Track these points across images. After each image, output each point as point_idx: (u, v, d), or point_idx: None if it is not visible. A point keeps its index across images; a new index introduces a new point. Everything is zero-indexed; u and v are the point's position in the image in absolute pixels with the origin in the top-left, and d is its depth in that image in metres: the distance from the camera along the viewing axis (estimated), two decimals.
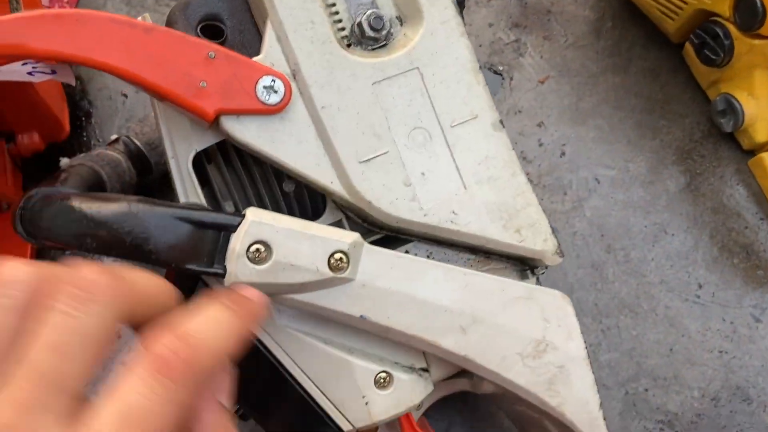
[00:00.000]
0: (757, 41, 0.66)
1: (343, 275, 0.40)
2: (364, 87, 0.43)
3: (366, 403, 0.44)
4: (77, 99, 0.72)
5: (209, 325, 0.28)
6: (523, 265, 0.49)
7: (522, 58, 0.77)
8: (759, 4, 0.63)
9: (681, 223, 0.72)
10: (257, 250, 0.38)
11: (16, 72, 0.52)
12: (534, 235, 0.46)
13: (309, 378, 0.44)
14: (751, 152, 0.74)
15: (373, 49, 0.44)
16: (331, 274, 0.39)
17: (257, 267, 0.38)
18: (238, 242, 0.38)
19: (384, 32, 0.44)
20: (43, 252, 0.68)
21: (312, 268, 0.39)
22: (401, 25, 0.45)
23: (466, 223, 0.45)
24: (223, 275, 0.39)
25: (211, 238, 0.39)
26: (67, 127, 0.68)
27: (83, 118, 0.71)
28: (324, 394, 0.44)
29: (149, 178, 0.64)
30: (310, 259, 0.39)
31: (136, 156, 0.62)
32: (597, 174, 0.73)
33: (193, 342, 0.27)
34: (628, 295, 0.69)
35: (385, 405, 0.45)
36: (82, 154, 0.60)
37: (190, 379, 0.26)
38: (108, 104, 0.72)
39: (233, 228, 0.39)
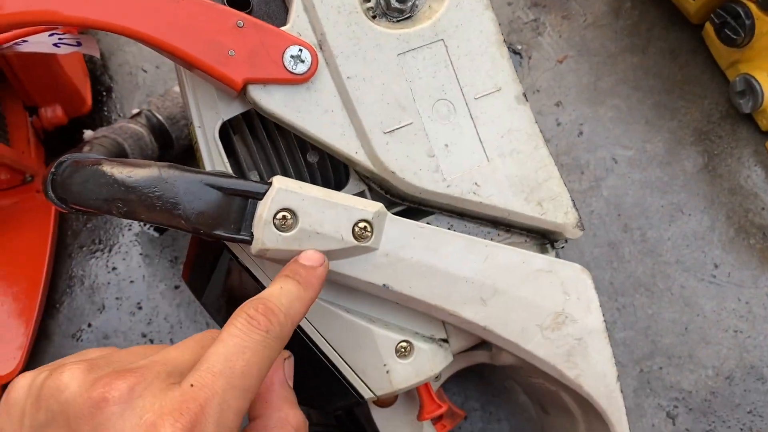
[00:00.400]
0: None
1: (366, 244, 0.40)
2: (389, 58, 0.43)
3: (387, 372, 0.45)
4: (98, 74, 0.72)
5: (278, 293, 0.35)
6: (543, 239, 0.49)
7: (540, 37, 0.77)
8: None
9: (698, 203, 0.72)
10: (284, 217, 0.39)
11: (42, 43, 0.53)
12: (555, 208, 0.46)
13: (331, 346, 0.45)
14: None
15: (398, 21, 0.45)
16: (355, 242, 0.40)
17: (283, 234, 0.39)
18: (265, 209, 0.38)
19: (409, 4, 0.44)
20: (64, 219, 0.69)
21: (337, 236, 0.39)
22: None
23: (489, 195, 0.45)
24: (249, 242, 0.39)
25: (238, 205, 0.39)
26: (90, 101, 0.69)
27: (104, 93, 0.72)
28: (346, 363, 0.45)
29: (170, 153, 0.65)
30: (335, 227, 0.39)
31: (157, 130, 0.63)
32: (614, 154, 0.73)
33: (269, 305, 0.34)
34: (644, 274, 0.69)
35: (406, 374, 0.45)
36: (104, 127, 0.61)
37: (273, 332, 0.33)
38: (128, 79, 0.72)
39: (260, 195, 0.39)
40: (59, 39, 0.53)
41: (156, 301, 0.66)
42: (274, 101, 0.41)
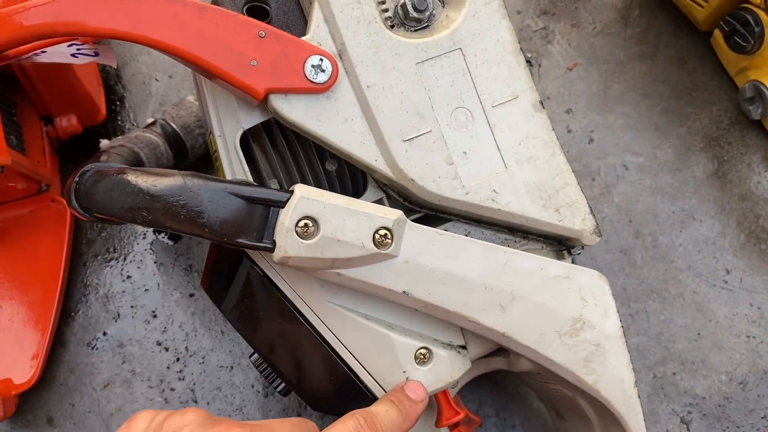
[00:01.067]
0: None
1: (387, 251, 0.41)
2: (408, 67, 0.44)
3: (406, 378, 0.45)
4: (112, 83, 0.73)
5: (383, 414, 0.40)
6: (560, 245, 0.50)
7: (550, 45, 0.77)
8: None
9: (709, 209, 0.72)
10: (305, 225, 0.39)
11: (61, 54, 0.53)
12: (573, 215, 0.47)
13: (350, 353, 0.45)
14: None
15: (416, 30, 0.45)
16: (375, 249, 0.40)
17: (305, 242, 0.39)
18: (287, 217, 0.39)
19: (427, 13, 0.45)
20: (79, 227, 0.69)
21: (358, 244, 0.40)
22: (443, 6, 0.46)
23: (507, 202, 0.45)
24: (272, 249, 0.39)
25: (260, 213, 0.39)
26: (104, 110, 0.69)
27: (118, 102, 0.72)
28: (365, 369, 0.45)
29: (185, 161, 0.65)
30: (356, 234, 0.40)
31: (172, 139, 0.63)
32: (625, 160, 0.73)
33: (375, 422, 0.39)
34: (656, 280, 0.69)
35: (425, 380, 0.45)
36: (120, 136, 0.61)
37: None
38: (142, 88, 0.73)
39: (282, 204, 0.39)
40: (77, 49, 0.53)
41: (171, 309, 0.67)
42: (295, 110, 0.42)
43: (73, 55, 0.53)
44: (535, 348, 0.46)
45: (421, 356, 0.45)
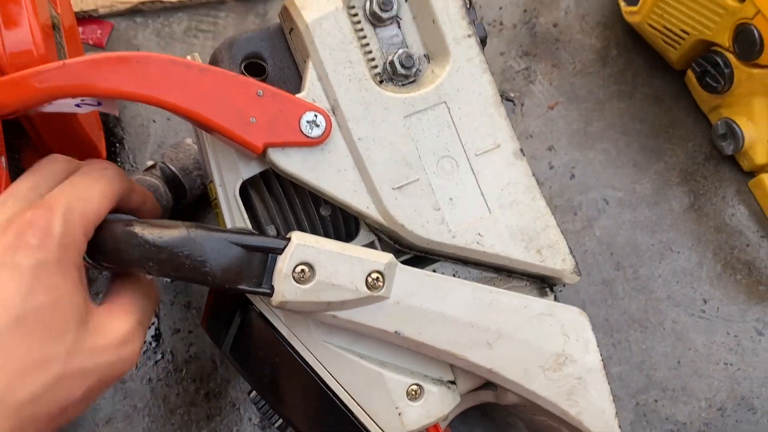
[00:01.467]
0: (755, 70, 0.70)
1: (378, 293, 0.43)
2: (397, 120, 0.47)
3: (399, 414, 0.48)
4: (111, 126, 0.75)
5: None
6: (543, 283, 0.52)
7: (532, 85, 0.81)
8: (757, 35, 0.67)
9: (686, 241, 0.75)
10: (302, 270, 0.42)
11: (65, 104, 0.56)
12: (553, 255, 0.50)
13: (346, 391, 0.48)
14: (751, 174, 0.78)
15: (404, 85, 0.48)
16: (368, 292, 0.43)
17: (302, 286, 0.42)
18: (284, 264, 0.42)
19: (414, 69, 0.48)
20: None
21: (351, 287, 0.43)
22: (429, 62, 0.49)
23: (491, 244, 0.48)
24: (270, 294, 0.42)
25: (259, 260, 0.42)
26: (104, 153, 0.71)
27: (117, 144, 0.75)
28: (360, 406, 0.48)
29: (183, 202, 0.67)
30: (349, 278, 0.43)
31: (171, 181, 0.66)
32: (605, 195, 0.76)
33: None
34: (638, 310, 0.72)
35: (417, 416, 0.48)
36: None
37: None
38: (140, 131, 0.75)
39: (280, 251, 0.42)
40: (81, 101, 0.56)
41: (171, 345, 0.69)
42: (291, 162, 0.45)
43: (77, 105, 0.56)
44: (521, 383, 0.48)
45: (413, 392, 0.48)
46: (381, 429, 0.48)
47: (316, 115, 0.44)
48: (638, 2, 0.77)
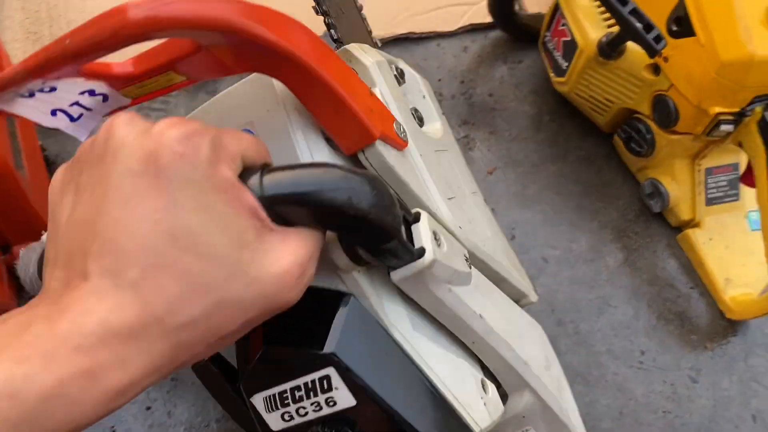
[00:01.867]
0: (674, 136, 0.76)
1: (470, 270, 0.48)
2: (432, 152, 0.53)
3: (484, 404, 0.49)
4: None
5: None
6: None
7: (472, 152, 0.85)
8: (672, 105, 0.73)
9: (622, 295, 0.80)
10: (436, 237, 0.44)
11: (36, 109, 0.47)
12: (522, 277, 0.58)
13: (442, 381, 0.48)
14: (679, 228, 0.83)
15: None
16: (468, 269, 0.48)
17: (440, 249, 0.44)
18: (426, 228, 0.43)
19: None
20: None
21: (462, 260, 0.47)
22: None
23: (500, 260, 0.55)
24: (422, 254, 0.42)
25: (406, 222, 0.44)
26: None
27: None
28: (455, 396, 0.48)
29: None
30: (457, 254, 0.47)
31: None
32: (544, 254, 0.81)
33: None
34: (580, 364, 0.76)
35: (493, 407, 0.50)
36: None
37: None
38: None
39: (418, 218, 0.44)
40: (58, 109, 0.46)
41: (173, 404, 0.70)
42: (392, 157, 0.47)
43: (52, 113, 0.46)
44: (538, 374, 0.54)
45: (483, 385, 0.50)
46: (474, 420, 0.48)
47: (400, 124, 0.47)
48: (565, 74, 0.83)
